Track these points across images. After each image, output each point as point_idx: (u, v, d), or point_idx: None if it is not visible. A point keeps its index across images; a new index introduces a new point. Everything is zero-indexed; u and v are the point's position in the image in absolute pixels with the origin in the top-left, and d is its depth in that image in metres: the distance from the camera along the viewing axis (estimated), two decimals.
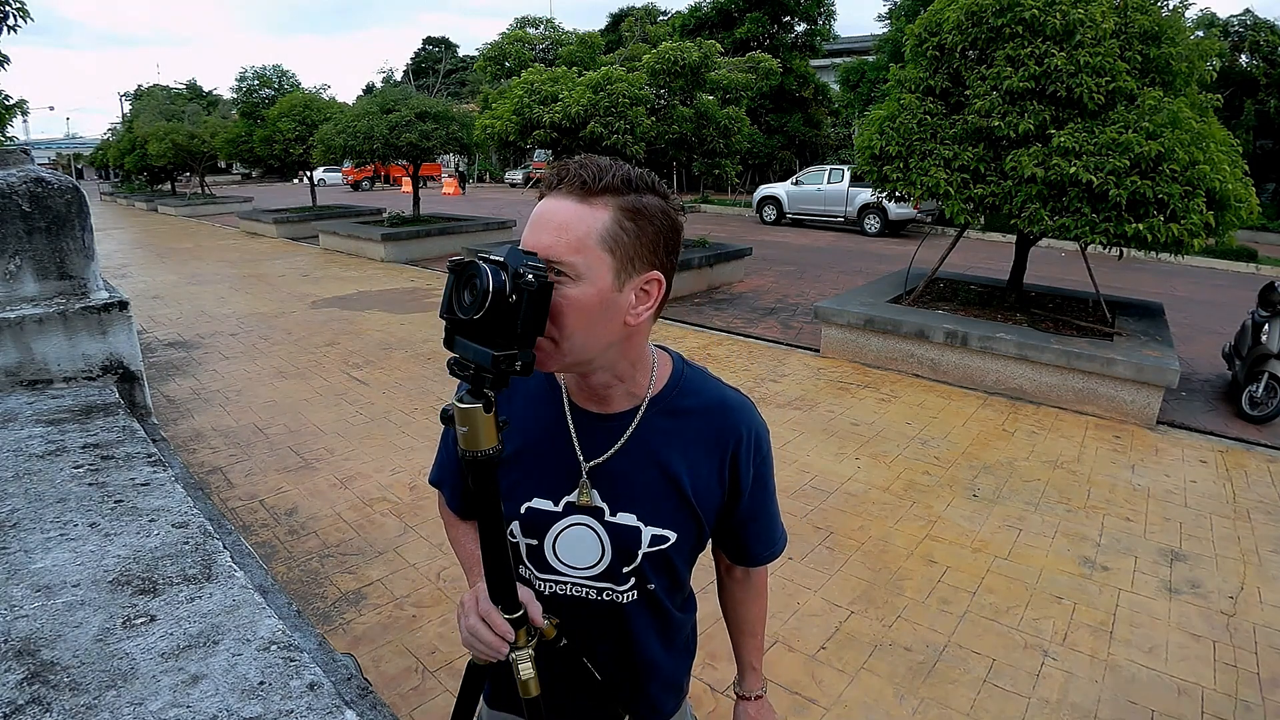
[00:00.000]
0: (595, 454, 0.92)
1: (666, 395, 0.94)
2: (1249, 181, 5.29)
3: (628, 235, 0.79)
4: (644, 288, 0.82)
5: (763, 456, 0.99)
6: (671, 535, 0.93)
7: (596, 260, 0.77)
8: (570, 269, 0.77)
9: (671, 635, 1.06)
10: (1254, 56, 16.58)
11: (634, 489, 0.92)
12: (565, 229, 0.77)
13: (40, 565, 1.34)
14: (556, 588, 0.98)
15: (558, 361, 0.82)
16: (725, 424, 0.95)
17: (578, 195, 0.78)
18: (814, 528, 3.48)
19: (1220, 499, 3.92)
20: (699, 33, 21.92)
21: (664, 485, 0.92)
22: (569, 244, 0.77)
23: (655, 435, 0.92)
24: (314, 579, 3.00)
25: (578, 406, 0.94)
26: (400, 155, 12.65)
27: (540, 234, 0.78)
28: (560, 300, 0.77)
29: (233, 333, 7.09)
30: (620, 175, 0.79)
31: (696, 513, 0.94)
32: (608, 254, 0.78)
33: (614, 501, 0.92)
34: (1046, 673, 2.52)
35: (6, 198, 2.38)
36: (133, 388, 2.65)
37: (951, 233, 11.43)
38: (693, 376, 0.97)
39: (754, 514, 1.01)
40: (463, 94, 36.60)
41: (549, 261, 0.76)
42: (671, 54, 8.77)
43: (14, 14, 6.58)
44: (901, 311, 6.22)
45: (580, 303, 0.78)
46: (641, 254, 0.80)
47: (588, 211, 0.78)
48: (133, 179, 28.26)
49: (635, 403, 0.92)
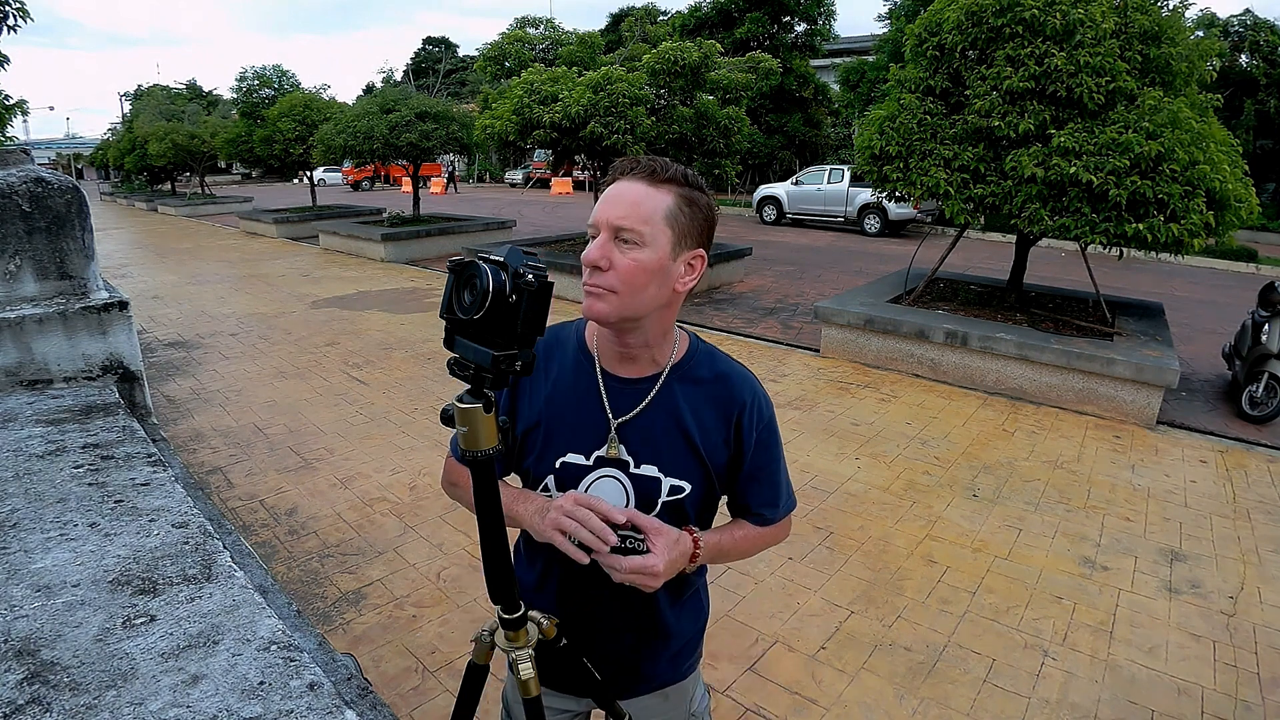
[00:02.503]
0: (622, 413, 1.06)
1: (684, 365, 1.08)
2: (1249, 181, 5.29)
3: (684, 217, 0.97)
4: (690, 261, 1.00)
5: (765, 423, 1.11)
6: (687, 486, 1.07)
7: (660, 233, 0.95)
8: (639, 237, 0.94)
9: (684, 591, 1.19)
10: (1254, 56, 16.58)
11: (656, 444, 1.06)
12: (638, 205, 0.95)
13: (40, 565, 1.34)
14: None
15: (617, 313, 0.97)
16: (732, 392, 1.09)
17: (647, 180, 0.96)
18: (814, 528, 3.48)
19: (1220, 499, 3.92)
20: (699, 33, 21.93)
21: (681, 441, 1.06)
22: (641, 216, 0.94)
23: (674, 398, 1.06)
24: (314, 579, 3.00)
25: (608, 372, 1.08)
26: (400, 155, 12.64)
27: (616, 207, 0.95)
28: (630, 261, 0.94)
29: (233, 333, 7.09)
30: (680, 171, 0.98)
31: (708, 467, 1.07)
32: (669, 229, 0.96)
33: (638, 455, 1.05)
34: (1046, 673, 2.52)
35: (7, 198, 2.38)
36: (133, 388, 2.65)
37: (951, 233, 11.43)
38: (707, 351, 1.12)
39: (756, 474, 1.12)
40: (463, 94, 36.57)
41: (622, 229, 0.94)
42: (671, 54, 8.77)
43: (14, 14, 6.59)
44: (901, 311, 6.22)
45: (645, 264, 0.94)
46: (692, 234, 0.98)
47: (656, 193, 0.96)
48: (133, 179, 28.26)
49: (658, 369, 1.07)
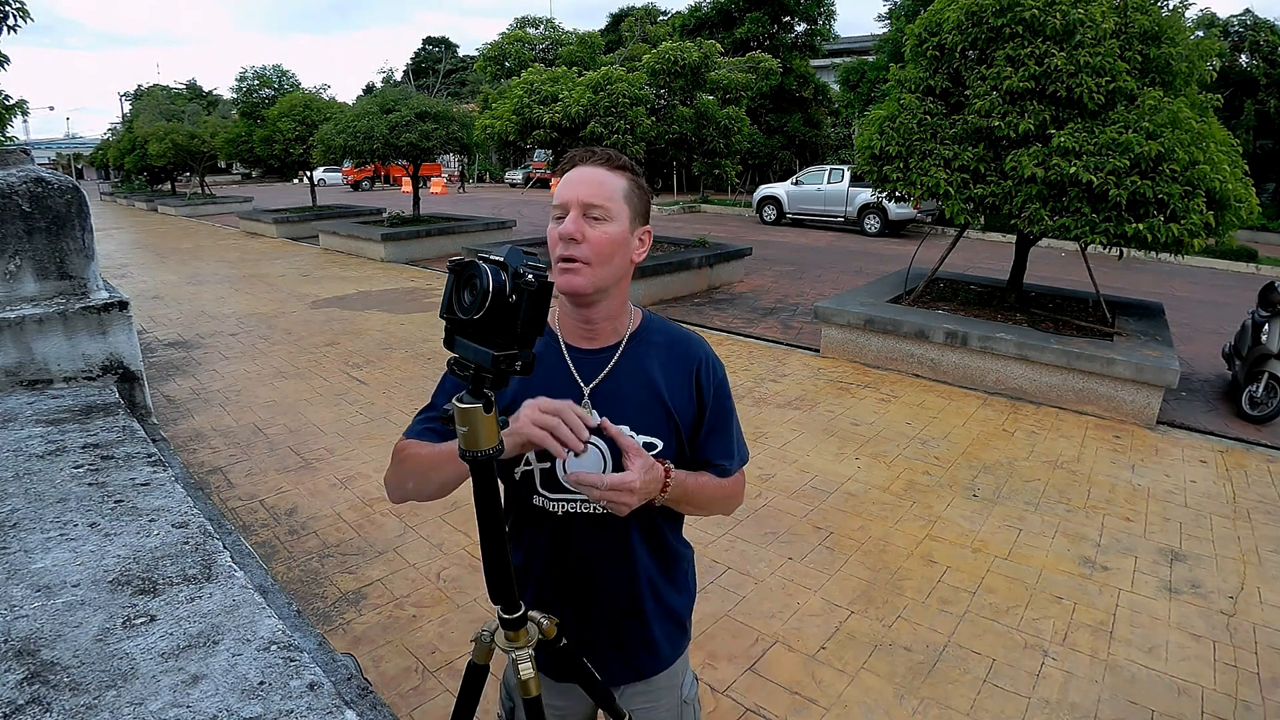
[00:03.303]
0: (591, 379, 1.13)
1: (641, 333, 1.19)
2: (1249, 181, 5.29)
3: (636, 198, 1.10)
4: (642, 236, 1.12)
5: (719, 379, 1.21)
6: (659, 443, 1.13)
7: (621, 209, 1.07)
8: (607, 213, 1.05)
9: (669, 561, 1.26)
10: (1254, 56, 16.56)
11: (626, 404, 1.12)
12: (603, 185, 1.06)
13: (40, 565, 1.34)
14: (568, 506, 1.14)
15: (591, 284, 1.06)
16: (688, 351, 1.19)
17: (605, 166, 1.08)
18: (814, 528, 3.48)
19: (1220, 499, 3.92)
20: (699, 33, 21.91)
21: (649, 397, 1.14)
22: (606, 194, 1.06)
23: (638, 359, 1.16)
24: (314, 579, 3.00)
25: (571, 345, 1.16)
26: (400, 155, 12.64)
27: (583, 187, 1.05)
28: (601, 234, 1.04)
29: (233, 333, 7.09)
30: (628, 160, 1.12)
31: (675, 421, 1.15)
32: (628, 206, 1.08)
33: (611, 417, 1.08)
34: (1046, 673, 2.52)
35: (7, 198, 2.38)
36: (133, 388, 2.65)
37: (951, 233, 11.44)
38: (659, 320, 1.24)
39: (714, 427, 1.20)
40: (463, 94, 36.57)
41: (592, 205, 1.04)
42: (671, 54, 8.77)
43: (14, 14, 6.58)
44: (901, 311, 6.21)
45: (614, 236, 1.06)
46: (642, 212, 1.12)
47: (614, 176, 1.08)
48: (133, 179, 28.25)
49: (618, 338, 1.16)
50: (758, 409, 5.06)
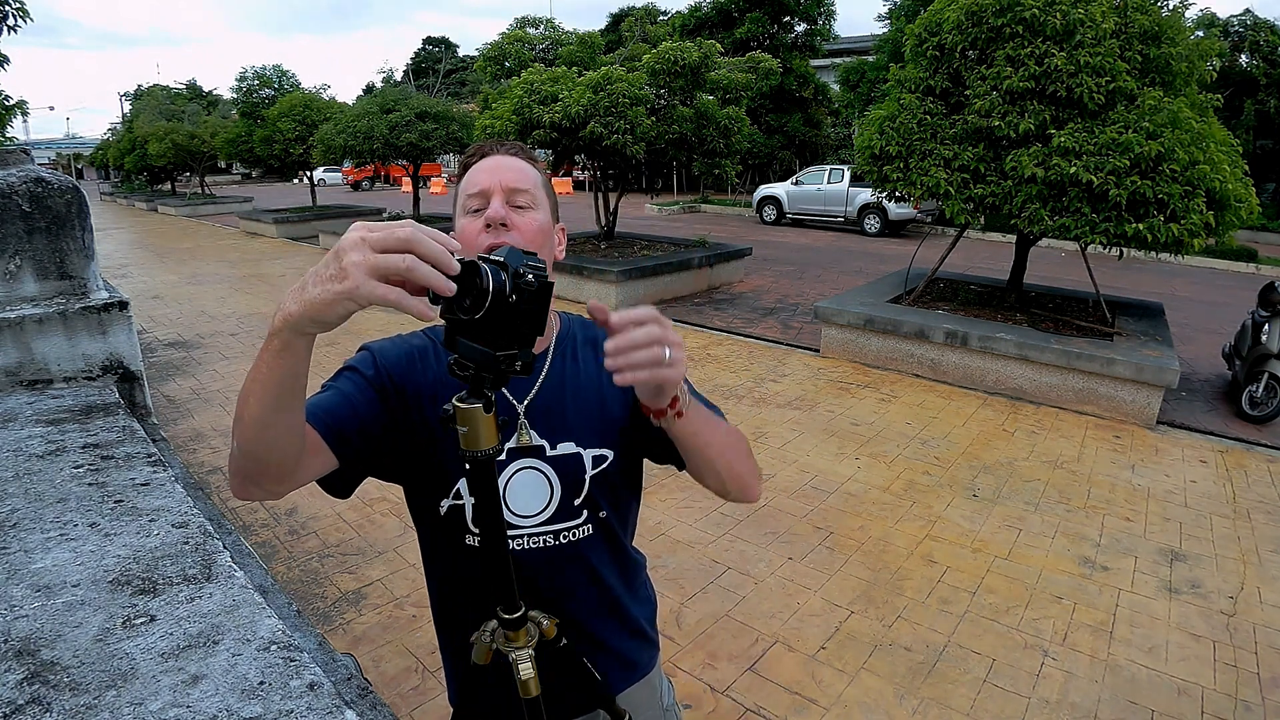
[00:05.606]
0: (523, 395, 1.01)
1: (565, 336, 1.08)
2: (1249, 181, 5.29)
3: (548, 192, 1.02)
4: (559, 233, 1.04)
5: None
6: (609, 454, 1.03)
7: (543, 199, 0.99)
8: (531, 199, 0.96)
9: (630, 575, 1.14)
10: (1254, 56, 16.55)
11: (565, 417, 1.01)
12: (524, 171, 0.98)
13: (40, 565, 1.34)
14: (514, 543, 0.99)
15: None
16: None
17: (520, 156, 1.00)
18: (814, 528, 3.48)
19: (1220, 499, 3.92)
20: (699, 33, 21.90)
21: (588, 405, 1.03)
22: (530, 181, 0.97)
23: (567, 366, 1.05)
24: (314, 579, 3.00)
25: None
26: (400, 155, 12.64)
27: (506, 173, 0.96)
28: (529, 220, 0.95)
29: (233, 333, 7.09)
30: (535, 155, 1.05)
31: (620, 422, 1.03)
32: (547, 197, 1.00)
33: (551, 434, 1.00)
34: (1046, 673, 2.52)
35: (6, 198, 2.38)
36: (133, 388, 2.65)
37: (951, 233, 11.43)
38: (578, 319, 1.12)
39: None
40: (463, 94, 36.55)
41: (518, 190, 0.95)
42: (671, 54, 8.76)
43: (14, 14, 6.58)
44: (901, 311, 6.21)
45: (542, 224, 0.96)
46: (555, 209, 1.03)
47: (529, 166, 1.00)
48: (133, 179, 28.26)
49: (546, 345, 1.05)
50: (758, 409, 5.05)
